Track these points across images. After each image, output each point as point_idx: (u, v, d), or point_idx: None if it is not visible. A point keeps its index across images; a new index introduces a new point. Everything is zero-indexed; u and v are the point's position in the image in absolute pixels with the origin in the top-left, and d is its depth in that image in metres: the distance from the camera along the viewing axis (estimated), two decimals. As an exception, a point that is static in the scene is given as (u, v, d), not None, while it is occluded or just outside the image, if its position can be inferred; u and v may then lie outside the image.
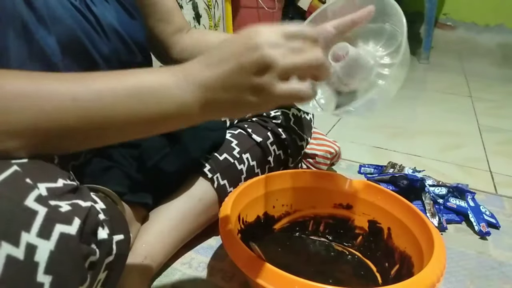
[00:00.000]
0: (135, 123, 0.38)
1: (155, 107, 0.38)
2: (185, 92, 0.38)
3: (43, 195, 0.33)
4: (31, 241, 0.31)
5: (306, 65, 0.39)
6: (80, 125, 0.36)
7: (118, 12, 0.60)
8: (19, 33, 0.46)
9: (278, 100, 0.39)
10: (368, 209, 0.67)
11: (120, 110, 0.37)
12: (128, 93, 0.37)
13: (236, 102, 0.39)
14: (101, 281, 0.39)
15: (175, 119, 0.40)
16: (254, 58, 0.37)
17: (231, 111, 0.41)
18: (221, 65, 0.38)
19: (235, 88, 0.38)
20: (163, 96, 0.38)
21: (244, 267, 0.47)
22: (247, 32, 0.39)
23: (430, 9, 2.32)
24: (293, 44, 0.39)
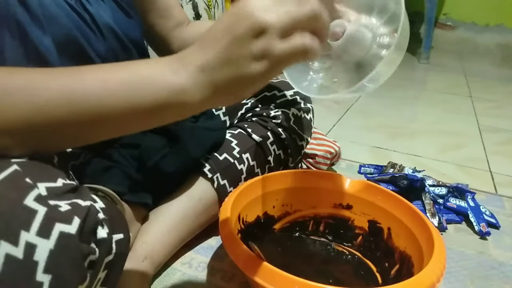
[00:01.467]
0: (131, 114, 0.37)
1: (150, 95, 0.36)
2: (182, 77, 0.36)
3: (42, 194, 0.33)
4: (31, 240, 0.31)
5: (304, 17, 0.36)
6: (73, 119, 0.36)
7: (113, 11, 0.60)
8: (14, 33, 0.46)
9: (282, 61, 0.36)
10: (368, 209, 0.67)
11: (114, 101, 0.36)
12: (121, 83, 0.36)
13: (238, 77, 0.36)
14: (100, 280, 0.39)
15: (174, 108, 0.37)
16: (248, 25, 0.35)
17: (236, 90, 0.38)
18: (216, 43, 0.36)
19: (234, 61, 0.36)
20: (158, 83, 0.36)
21: (244, 267, 0.47)
22: (236, 4, 0.37)
23: (430, 9, 2.32)
24: (286, 3, 0.36)
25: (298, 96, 0.79)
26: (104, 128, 0.38)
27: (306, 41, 0.36)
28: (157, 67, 0.37)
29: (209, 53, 0.36)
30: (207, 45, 0.37)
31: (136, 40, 0.63)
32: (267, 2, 0.36)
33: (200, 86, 0.37)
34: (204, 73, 0.36)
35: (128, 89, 0.36)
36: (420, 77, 2.23)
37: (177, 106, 0.37)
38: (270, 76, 0.37)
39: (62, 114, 0.35)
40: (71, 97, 0.35)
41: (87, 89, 0.36)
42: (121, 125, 0.38)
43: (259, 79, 0.37)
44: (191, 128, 0.68)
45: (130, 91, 0.36)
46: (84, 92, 0.35)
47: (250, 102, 0.78)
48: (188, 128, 0.68)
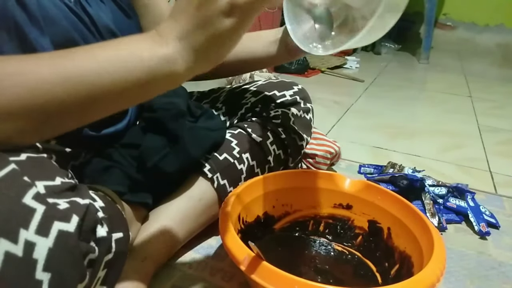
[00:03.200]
0: (125, 87, 0.39)
1: (140, 67, 0.38)
2: (165, 47, 0.39)
3: (41, 193, 0.33)
4: (30, 238, 0.31)
5: None
6: (70, 97, 0.37)
7: (113, 12, 0.60)
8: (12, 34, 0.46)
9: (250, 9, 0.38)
10: (368, 209, 0.67)
11: (106, 75, 0.37)
12: (111, 58, 0.38)
13: (214, 35, 0.39)
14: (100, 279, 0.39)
15: (164, 77, 0.40)
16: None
17: (215, 49, 0.40)
18: (185, 11, 0.39)
19: (206, 23, 0.38)
20: (146, 54, 0.38)
21: (244, 267, 0.47)
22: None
23: (430, 9, 2.32)
24: None
25: (298, 96, 0.79)
26: (101, 103, 0.39)
27: None
28: (142, 41, 0.40)
29: (182, 22, 0.39)
30: (178, 15, 0.39)
31: None
32: None
33: (182, 53, 0.39)
34: (183, 41, 0.39)
35: (119, 63, 0.38)
36: (420, 77, 2.23)
37: (165, 75, 0.39)
38: (244, 27, 0.40)
39: (57, 93, 0.36)
40: (64, 76, 0.36)
41: (79, 66, 0.37)
42: (117, 98, 0.40)
43: (234, 33, 0.39)
44: (191, 128, 0.68)
45: (121, 64, 0.38)
46: (76, 69, 0.37)
47: (250, 102, 0.78)
48: (188, 128, 0.68)
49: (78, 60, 0.37)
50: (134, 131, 0.67)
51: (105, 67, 0.37)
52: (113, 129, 0.63)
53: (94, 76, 0.37)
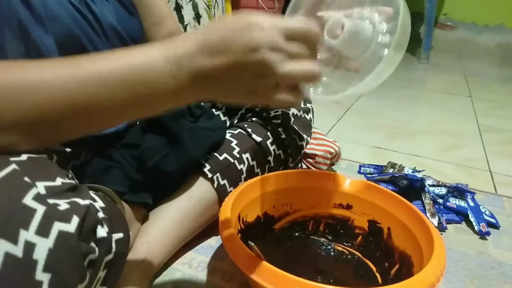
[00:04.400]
0: (126, 108, 0.38)
1: (145, 92, 0.38)
2: (177, 77, 0.38)
3: (41, 193, 0.33)
4: (30, 239, 0.31)
5: (302, 76, 0.39)
6: (73, 112, 0.37)
7: (117, 11, 0.60)
8: (15, 32, 0.46)
9: (269, 101, 0.39)
10: (368, 209, 0.67)
11: (111, 96, 0.37)
12: (118, 78, 0.37)
13: (228, 93, 0.39)
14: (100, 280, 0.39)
15: (166, 102, 0.40)
16: (253, 61, 0.36)
17: (221, 98, 0.41)
18: (217, 57, 0.37)
19: (227, 81, 0.38)
20: (154, 81, 0.38)
21: (244, 267, 0.47)
22: (248, 22, 0.37)
23: (430, 9, 2.32)
24: (294, 48, 0.38)
25: None
26: (102, 119, 0.39)
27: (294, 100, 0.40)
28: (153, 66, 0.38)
29: (209, 64, 0.37)
30: (209, 54, 0.37)
31: (138, 39, 0.63)
32: (278, 40, 0.37)
33: (194, 88, 0.38)
34: (200, 80, 0.38)
35: (126, 86, 0.37)
36: (420, 77, 2.23)
37: (171, 102, 0.40)
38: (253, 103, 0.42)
39: (60, 109, 0.36)
40: (69, 93, 0.36)
41: (84, 84, 0.36)
42: (117, 114, 0.40)
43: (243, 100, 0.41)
44: (191, 128, 0.68)
45: (129, 88, 0.37)
46: (81, 88, 0.36)
47: (250, 102, 0.78)
48: (188, 128, 0.68)
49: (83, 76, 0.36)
50: (134, 131, 0.67)
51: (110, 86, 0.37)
52: (113, 129, 0.63)
53: (98, 94, 0.37)
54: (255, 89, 0.38)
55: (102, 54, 0.39)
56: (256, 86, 0.38)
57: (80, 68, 0.37)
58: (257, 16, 0.38)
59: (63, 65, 0.37)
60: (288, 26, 0.38)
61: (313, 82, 0.40)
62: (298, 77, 0.38)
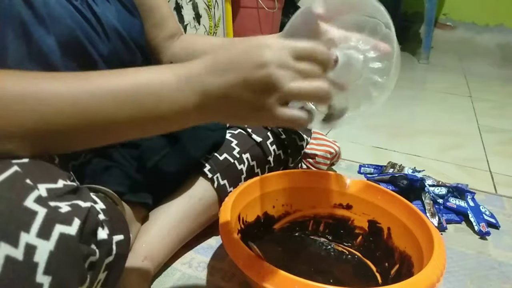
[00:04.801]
0: (135, 125, 0.39)
1: (154, 109, 0.38)
2: (186, 95, 0.38)
3: (43, 196, 0.33)
4: (31, 242, 0.31)
5: (311, 93, 0.38)
6: (81, 127, 0.37)
7: (119, 11, 0.60)
8: (17, 32, 0.46)
9: (275, 121, 0.39)
10: (368, 209, 0.67)
11: (121, 114, 0.37)
12: (128, 95, 0.37)
13: (233, 113, 0.39)
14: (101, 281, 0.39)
15: (174, 121, 0.40)
16: (260, 77, 0.36)
17: (227, 119, 0.42)
18: (225, 75, 0.37)
19: (235, 100, 0.38)
20: (164, 98, 0.38)
21: (244, 267, 0.47)
22: (257, 43, 0.38)
23: (430, 9, 2.32)
24: (302, 66, 0.38)
25: None
26: (109, 134, 0.39)
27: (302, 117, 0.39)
28: (165, 79, 0.38)
29: (216, 82, 0.38)
30: (217, 73, 0.38)
31: (139, 40, 0.63)
32: (286, 59, 0.37)
33: (200, 107, 0.39)
34: (206, 98, 0.38)
35: (136, 104, 0.38)
36: (420, 77, 2.23)
37: (177, 119, 0.40)
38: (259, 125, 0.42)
39: (69, 122, 0.36)
40: (79, 107, 0.36)
41: (95, 101, 0.37)
42: (125, 132, 0.40)
43: (249, 122, 0.41)
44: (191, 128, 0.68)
45: (137, 106, 0.38)
46: (92, 104, 0.37)
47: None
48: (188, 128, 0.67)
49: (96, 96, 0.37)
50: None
51: (122, 107, 0.37)
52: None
53: (108, 110, 0.37)
54: (261, 106, 0.37)
55: (114, 70, 0.39)
56: (262, 102, 0.37)
57: (92, 82, 0.37)
58: (266, 38, 0.38)
59: (75, 79, 0.37)
60: (298, 46, 0.38)
61: (323, 101, 0.40)
62: (306, 95, 0.38)
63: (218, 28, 1.56)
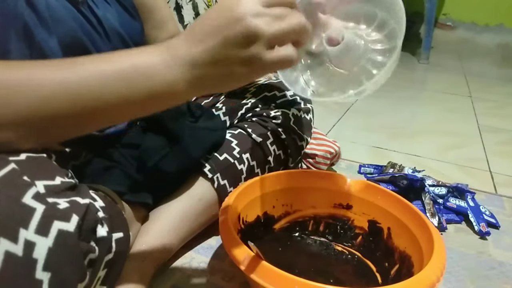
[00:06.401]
0: (126, 105, 0.39)
1: (144, 88, 0.38)
2: (173, 71, 0.39)
3: (40, 192, 0.33)
4: (30, 238, 0.31)
5: (291, 30, 0.39)
6: (73, 111, 0.37)
7: (119, 13, 0.60)
8: (20, 34, 0.46)
9: (267, 68, 0.39)
10: (368, 209, 0.67)
11: (111, 93, 0.38)
12: (117, 76, 0.38)
13: (225, 75, 0.39)
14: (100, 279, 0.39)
15: (165, 99, 0.40)
16: (239, 30, 0.37)
17: (221, 85, 0.41)
18: (206, 40, 0.38)
19: (223, 62, 0.38)
20: (152, 76, 0.38)
21: (244, 267, 0.47)
22: (228, 2, 0.38)
23: (430, 9, 2.32)
24: (274, 10, 0.38)
25: (298, 96, 0.79)
26: (102, 117, 0.40)
27: (291, 53, 0.39)
28: (150, 59, 0.39)
29: (199, 50, 0.38)
30: (198, 41, 0.38)
31: (140, 42, 0.63)
32: (258, 8, 0.38)
33: (189, 80, 0.39)
34: (194, 69, 0.39)
35: (124, 82, 0.38)
36: (420, 77, 2.23)
37: (167, 96, 0.40)
38: (254, 78, 0.41)
39: (61, 107, 0.36)
40: (70, 91, 0.36)
41: (86, 83, 0.37)
42: (117, 113, 0.40)
43: (243, 79, 0.40)
44: (191, 128, 0.68)
45: (126, 84, 0.38)
46: (82, 86, 0.37)
47: (250, 102, 0.78)
48: (188, 128, 0.68)
49: (86, 77, 0.37)
50: (134, 131, 0.67)
51: (111, 86, 0.38)
52: (114, 129, 0.63)
53: (98, 92, 0.37)
54: (250, 59, 0.38)
55: (101, 54, 0.40)
56: (249, 55, 0.38)
57: (82, 67, 0.38)
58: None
59: (65, 64, 0.38)
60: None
61: (304, 36, 0.40)
62: (288, 32, 0.39)
63: (218, 28, 1.55)
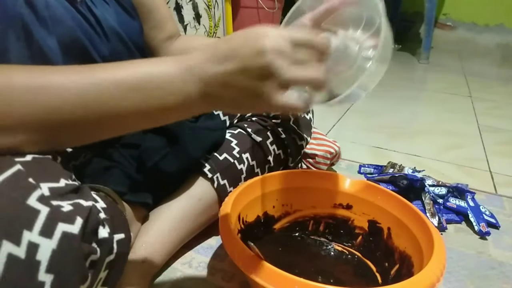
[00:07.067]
0: (139, 115, 0.39)
1: (159, 99, 0.39)
2: (189, 84, 0.39)
3: (45, 194, 0.33)
4: (33, 240, 0.31)
5: (308, 81, 0.39)
6: (87, 119, 0.37)
7: (118, 13, 0.60)
8: (19, 34, 0.46)
9: (272, 108, 0.40)
10: (368, 209, 0.67)
11: (126, 105, 0.38)
12: (133, 86, 0.38)
13: (232, 100, 0.40)
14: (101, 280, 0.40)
15: (178, 111, 0.41)
16: (259, 64, 0.37)
17: (230, 108, 0.42)
18: (225, 63, 0.38)
19: (234, 87, 0.38)
20: (167, 88, 0.39)
21: (244, 267, 0.47)
22: (256, 32, 0.39)
23: (430, 9, 2.32)
24: (300, 54, 0.38)
25: None
26: (113, 127, 0.40)
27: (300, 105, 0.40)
28: (168, 73, 0.39)
29: (216, 69, 0.38)
30: (218, 61, 0.39)
31: (138, 41, 0.63)
32: (284, 47, 0.38)
33: (202, 95, 0.39)
34: (207, 86, 0.39)
35: (140, 94, 0.38)
36: (420, 77, 2.23)
37: (182, 109, 0.40)
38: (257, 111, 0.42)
39: (75, 114, 0.37)
40: (84, 99, 0.37)
41: (102, 92, 0.37)
42: (130, 124, 0.41)
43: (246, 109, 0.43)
44: (191, 128, 0.68)
45: (142, 97, 0.38)
46: (99, 96, 0.37)
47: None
48: (188, 128, 0.68)
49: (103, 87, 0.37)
50: (134, 131, 0.67)
51: (127, 98, 0.38)
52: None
53: (114, 105, 0.38)
54: (260, 93, 0.38)
55: (118, 62, 0.40)
56: (261, 89, 0.38)
57: (97, 74, 0.38)
58: (264, 27, 0.39)
59: (81, 71, 0.38)
60: (295, 34, 0.39)
61: (319, 89, 0.40)
62: (304, 82, 0.39)
63: (218, 28, 1.56)
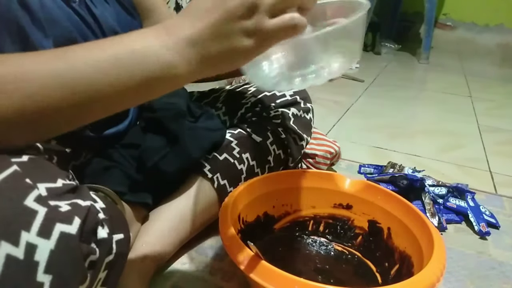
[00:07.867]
0: (123, 91, 0.37)
1: (142, 71, 0.37)
2: (172, 51, 0.37)
3: (42, 195, 0.33)
4: (31, 241, 0.31)
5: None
6: (68, 102, 0.36)
7: (118, 13, 0.60)
8: (14, 37, 0.46)
9: (271, 37, 0.38)
10: (368, 209, 0.67)
11: (106, 81, 0.36)
12: (112, 61, 0.36)
13: (229, 50, 0.37)
14: (101, 281, 0.39)
15: (164, 82, 0.38)
16: (239, 1, 0.36)
17: (224, 63, 0.39)
18: (207, 16, 0.37)
19: (226, 36, 0.37)
20: (149, 59, 0.37)
21: (244, 267, 0.47)
22: None
23: (430, 9, 2.32)
24: None
25: (298, 96, 0.79)
26: (98, 107, 0.38)
27: (295, 16, 0.37)
28: (146, 41, 0.37)
29: (200, 26, 0.37)
30: (195, 17, 0.37)
31: None
32: None
33: (189, 59, 0.37)
34: (196, 47, 0.37)
35: (120, 67, 0.36)
36: (420, 77, 2.23)
37: (167, 80, 0.38)
38: (259, 51, 0.39)
39: (55, 99, 0.35)
40: (63, 81, 0.35)
41: (79, 71, 0.36)
42: (114, 102, 0.38)
43: (248, 53, 0.38)
44: (191, 128, 0.68)
45: (122, 69, 0.36)
46: (76, 75, 0.35)
47: (250, 102, 0.78)
48: (188, 128, 0.68)
49: (80, 66, 0.36)
50: (134, 131, 0.67)
51: (106, 73, 0.36)
52: (114, 130, 0.63)
53: (93, 80, 0.36)
54: (252, 30, 0.37)
55: (97, 40, 0.38)
56: (250, 26, 0.36)
57: (71, 54, 0.36)
58: None
59: (57, 54, 0.37)
60: None
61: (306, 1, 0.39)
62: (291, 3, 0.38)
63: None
